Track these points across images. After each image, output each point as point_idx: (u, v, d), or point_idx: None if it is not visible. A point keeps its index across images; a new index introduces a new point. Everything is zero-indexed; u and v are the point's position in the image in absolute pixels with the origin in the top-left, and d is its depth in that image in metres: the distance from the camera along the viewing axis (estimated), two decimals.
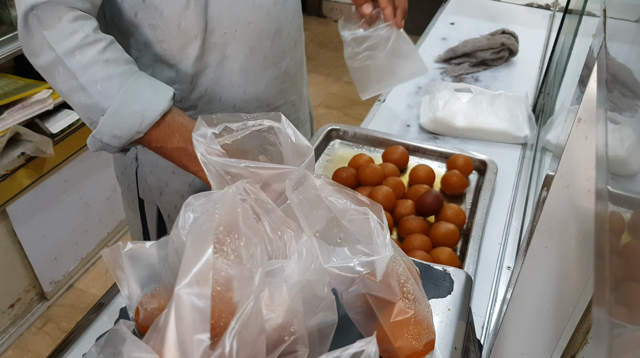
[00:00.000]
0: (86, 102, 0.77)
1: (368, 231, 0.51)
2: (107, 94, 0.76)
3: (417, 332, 0.53)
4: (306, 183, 0.53)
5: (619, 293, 0.27)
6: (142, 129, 0.77)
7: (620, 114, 0.39)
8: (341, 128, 1.30)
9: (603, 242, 0.31)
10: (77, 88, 0.76)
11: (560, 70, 1.42)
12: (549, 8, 2.21)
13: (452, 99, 1.40)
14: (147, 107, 0.77)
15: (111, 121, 0.77)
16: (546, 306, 0.60)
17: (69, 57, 0.74)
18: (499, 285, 1.00)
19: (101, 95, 0.76)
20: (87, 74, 0.75)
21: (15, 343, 1.94)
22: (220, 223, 0.46)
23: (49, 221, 1.93)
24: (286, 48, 1.00)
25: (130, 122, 0.77)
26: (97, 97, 0.76)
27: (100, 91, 0.76)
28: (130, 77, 0.77)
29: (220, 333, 0.41)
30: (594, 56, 0.51)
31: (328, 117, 3.26)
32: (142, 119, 0.77)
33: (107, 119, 0.77)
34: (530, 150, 1.36)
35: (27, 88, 1.71)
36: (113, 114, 0.77)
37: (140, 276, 0.53)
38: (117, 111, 0.76)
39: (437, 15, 2.14)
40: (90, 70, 0.75)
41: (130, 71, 0.78)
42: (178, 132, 0.79)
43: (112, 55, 0.77)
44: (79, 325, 0.61)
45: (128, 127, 0.77)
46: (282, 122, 0.59)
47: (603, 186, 0.34)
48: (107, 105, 0.76)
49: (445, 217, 1.03)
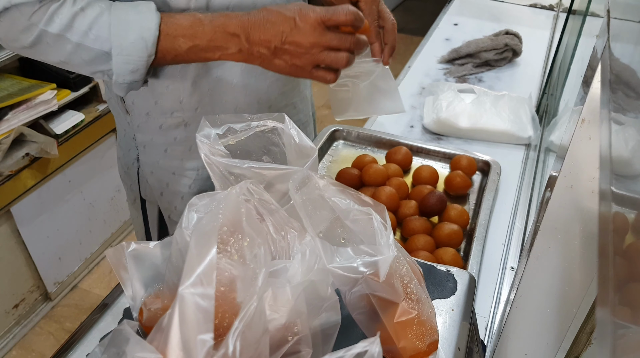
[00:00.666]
0: (89, 57, 0.79)
1: (371, 231, 0.51)
2: (102, 38, 0.78)
3: (420, 332, 0.53)
4: (310, 184, 0.53)
5: (623, 293, 0.27)
6: (150, 51, 0.79)
7: (624, 114, 0.39)
8: (345, 129, 1.30)
9: (607, 243, 0.31)
10: (73, 49, 0.78)
11: (564, 71, 1.42)
12: (553, 9, 2.20)
13: (455, 99, 1.40)
14: (142, 30, 0.78)
15: (121, 60, 0.79)
16: (550, 307, 0.60)
17: (50, 24, 0.76)
18: (502, 285, 1.00)
19: (97, 42, 0.78)
20: (73, 30, 0.77)
21: (20, 343, 1.94)
22: (223, 224, 0.46)
23: (53, 221, 1.94)
24: None
25: (137, 51, 0.79)
26: (95, 46, 0.78)
27: (95, 39, 0.77)
28: (109, 11, 0.78)
29: (224, 333, 0.41)
30: (597, 57, 0.51)
31: (331, 118, 3.24)
32: (144, 43, 0.78)
33: (116, 60, 0.79)
34: (534, 151, 1.35)
35: (32, 89, 1.72)
36: (118, 54, 0.78)
37: (144, 276, 0.53)
38: (120, 48, 0.78)
39: (441, 16, 2.14)
40: (74, 25, 0.76)
41: (105, 6, 0.79)
42: (180, 35, 0.80)
43: (83, 1, 0.78)
44: (83, 325, 0.61)
45: (138, 57, 0.79)
46: (285, 123, 0.60)
47: (607, 187, 0.34)
48: (108, 48, 0.78)
49: (449, 218, 1.03)
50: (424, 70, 1.74)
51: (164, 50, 0.80)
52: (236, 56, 0.81)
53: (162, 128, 0.98)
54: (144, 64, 0.80)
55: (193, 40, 0.79)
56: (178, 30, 0.79)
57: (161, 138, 1.00)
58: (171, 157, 1.02)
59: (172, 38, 0.80)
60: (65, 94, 1.84)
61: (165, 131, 0.99)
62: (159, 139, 1.00)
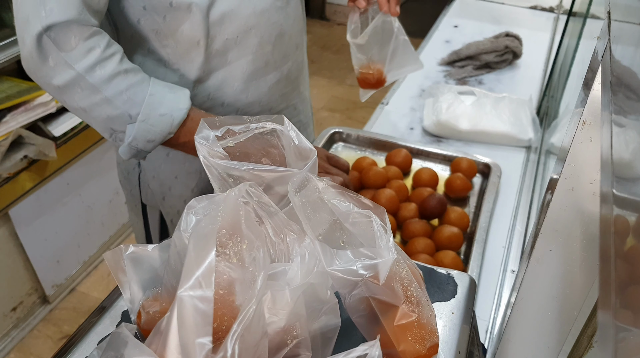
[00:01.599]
0: (111, 114, 0.79)
1: (371, 234, 0.50)
2: (134, 102, 0.79)
3: (420, 335, 0.53)
4: (309, 186, 0.53)
5: (624, 296, 0.27)
6: (173, 130, 0.82)
7: (625, 116, 0.39)
8: (344, 131, 1.30)
9: (608, 245, 0.31)
10: (101, 102, 0.78)
11: (565, 73, 1.41)
12: (553, 11, 2.21)
13: (455, 102, 1.40)
14: (173, 108, 0.81)
15: (143, 127, 0.80)
16: (551, 310, 0.59)
17: (90, 73, 0.76)
18: (503, 288, 1.00)
19: (127, 104, 0.79)
20: (110, 86, 0.77)
21: (18, 346, 1.94)
22: (222, 226, 0.45)
23: (52, 224, 1.94)
24: (288, 52, 1.00)
25: (162, 125, 0.81)
26: (124, 107, 0.79)
27: (127, 101, 0.79)
28: (149, 83, 0.81)
29: (222, 336, 0.41)
30: (598, 59, 0.51)
31: (331, 120, 3.26)
32: (171, 120, 0.81)
33: (139, 126, 0.80)
34: (535, 153, 1.35)
35: (30, 91, 1.72)
36: (144, 121, 0.80)
37: (142, 279, 0.53)
38: (147, 117, 0.80)
39: (441, 18, 2.14)
40: (113, 82, 0.77)
41: (146, 77, 0.82)
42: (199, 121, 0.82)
43: (129, 65, 0.80)
44: (81, 328, 0.60)
45: (160, 130, 0.81)
46: (284, 125, 0.59)
47: (608, 189, 0.34)
48: (136, 112, 0.79)
49: (449, 220, 1.03)
50: (424, 72, 1.73)
51: (182, 133, 0.83)
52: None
53: None
54: (161, 138, 0.82)
55: None
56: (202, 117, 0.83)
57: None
58: (173, 161, 1.02)
59: (193, 122, 0.83)
60: None
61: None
62: None
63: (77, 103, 0.79)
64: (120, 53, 0.79)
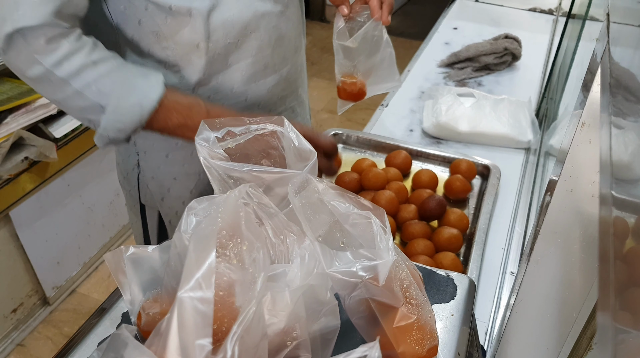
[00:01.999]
0: (84, 105, 0.79)
1: (371, 235, 0.50)
2: (103, 92, 0.79)
3: (420, 337, 0.53)
4: (309, 187, 0.53)
5: (624, 298, 0.27)
6: (143, 119, 0.81)
7: (624, 118, 0.39)
8: (344, 133, 1.30)
9: (607, 247, 0.31)
10: (72, 94, 0.78)
11: (564, 74, 1.42)
12: (552, 13, 2.21)
13: (455, 103, 1.40)
14: (143, 97, 0.80)
15: (113, 117, 0.80)
16: (550, 311, 0.59)
17: (58, 68, 0.76)
18: (502, 290, 1.00)
19: (97, 95, 0.79)
20: (79, 79, 0.77)
21: (18, 347, 1.94)
22: (222, 227, 0.45)
23: (52, 225, 1.94)
24: (287, 55, 1.01)
25: (131, 114, 0.80)
26: (94, 98, 0.79)
27: (96, 92, 0.78)
28: (120, 71, 0.80)
29: (222, 338, 0.41)
30: (597, 61, 0.51)
31: (331, 121, 3.26)
32: (140, 109, 0.80)
33: (108, 116, 0.80)
34: (534, 155, 1.35)
35: (31, 93, 1.72)
36: (113, 111, 0.79)
37: (142, 280, 0.53)
38: (116, 107, 0.79)
39: (440, 20, 2.14)
40: (81, 75, 0.77)
41: (118, 65, 0.80)
42: (175, 110, 0.82)
43: (99, 55, 0.79)
44: (81, 329, 0.60)
45: (130, 120, 0.80)
46: (284, 127, 0.59)
47: (607, 191, 0.34)
48: (105, 103, 0.79)
49: (449, 222, 1.03)
50: (424, 74, 1.74)
51: (155, 120, 0.82)
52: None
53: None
54: (132, 127, 0.81)
55: (185, 119, 0.82)
56: (175, 105, 0.82)
57: (162, 144, 1.00)
58: (172, 162, 1.02)
59: (167, 110, 0.82)
60: None
61: (166, 136, 0.99)
62: (160, 144, 1.00)
63: (51, 95, 0.80)
64: (89, 45, 0.78)
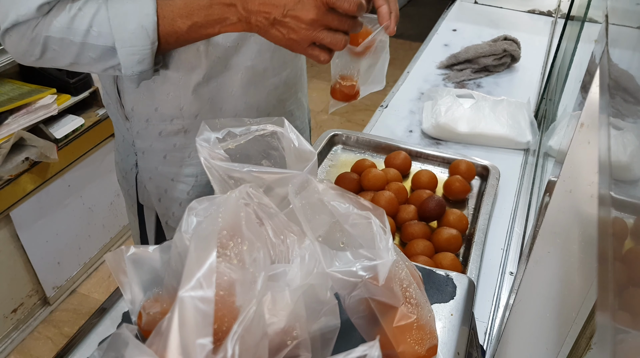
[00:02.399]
0: (96, 54, 0.79)
1: (371, 235, 0.51)
2: (103, 33, 0.78)
3: (419, 337, 0.53)
4: (309, 188, 0.53)
5: (623, 298, 0.27)
6: (153, 38, 0.80)
7: (622, 119, 0.39)
8: (344, 133, 1.30)
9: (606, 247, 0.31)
10: (78, 49, 0.79)
11: (563, 76, 1.42)
12: (551, 14, 2.21)
13: (454, 104, 1.40)
14: (140, 18, 0.79)
15: (125, 51, 0.79)
16: (549, 311, 0.60)
17: (51, 29, 0.77)
18: (501, 290, 1.00)
19: (100, 38, 0.78)
20: (74, 30, 0.77)
21: (18, 348, 1.94)
22: (223, 227, 0.46)
23: (52, 226, 1.94)
24: (287, 59, 1.01)
25: (139, 40, 0.79)
26: (99, 43, 0.79)
27: (97, 36, 0.78)
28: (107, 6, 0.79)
29: (223, 337, 0.41)
30: (596, 62, 0.52)
31: (331, 122, 3.26)
32: (145, 30, 0.79)
33: (122, 53, 0.79)
34: (533, 156, 1.36)
35: (32, 94, 1.72)
36: (122, 46, 0.79)
37: (143, 280, 0.53)
38: (122, 41, 0.79)
39: (440, 21, 2.14)
40: (74, 25, 0.77)
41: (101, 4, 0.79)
42: (177, 16, 0.80)
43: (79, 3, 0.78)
44: (82, 329, 0.61)
45: (141, 46, 0.79)
46: (285, 127, 0.60)
47: (606, 192, 0.34)
48: (112, 42, 0.79)
49: (448, 222, 1.03)
50: (423, 75, 1.74)
51: (165, 34, 0.80)
52: (236, 25, 0.80)
53: (161, 135, 0.99)
54: (149, 52, 0.80)
55: (190, 19, 0.79)
56: (175, 12, 0.80)
57: (160, 145, 1.00)
58: (170, 163, 1.02)
59: (170, 20, 0.80)
60: (65, 99, 1.85)
61: (164, 137, 0.99)
62: (159, 145, 1.00)
63: (63, 61, 0.80)
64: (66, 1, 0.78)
